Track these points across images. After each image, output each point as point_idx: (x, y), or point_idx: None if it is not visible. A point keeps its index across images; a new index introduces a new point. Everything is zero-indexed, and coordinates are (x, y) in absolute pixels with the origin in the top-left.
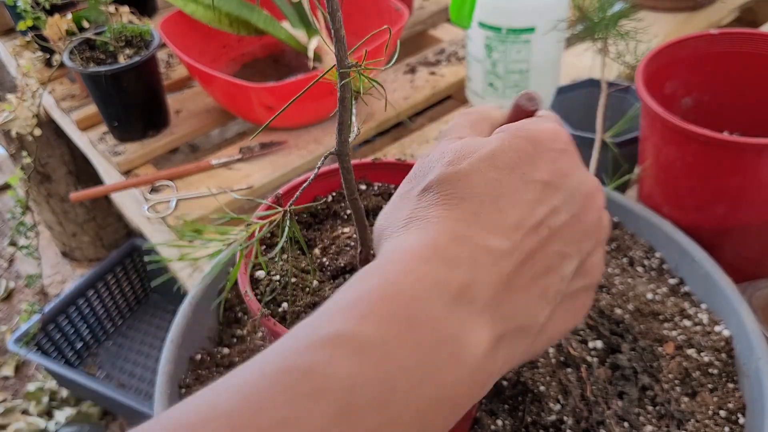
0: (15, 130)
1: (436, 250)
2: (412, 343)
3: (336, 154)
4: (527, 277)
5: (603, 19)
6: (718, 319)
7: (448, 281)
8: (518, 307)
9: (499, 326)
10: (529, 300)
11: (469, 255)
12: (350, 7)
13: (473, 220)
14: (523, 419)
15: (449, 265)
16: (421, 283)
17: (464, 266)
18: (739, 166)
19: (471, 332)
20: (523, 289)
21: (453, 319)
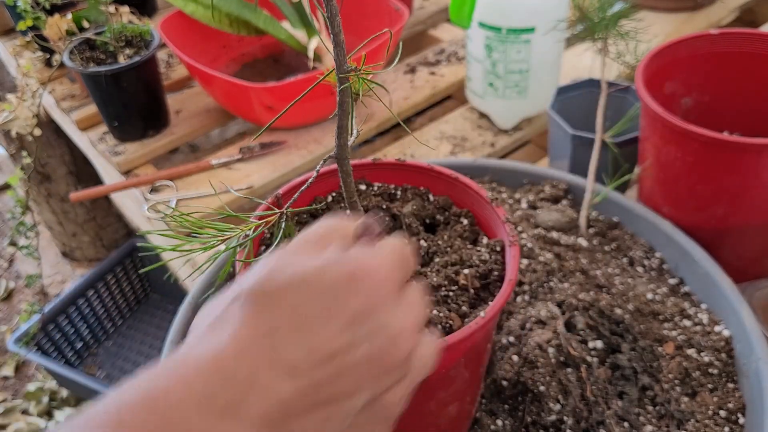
0: (15, 130)
1: (216, 362)
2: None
3: (335, 157)
4: (308, 403)
5: (603, 19)
6: (718, 319)
7: (216, 395)
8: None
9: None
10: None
11: (247, 373)
12: (350, 8)
13: (265, 340)
14: (523, 419)
15: (224, 380)
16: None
17: (239, 383)
18: (739, 166)
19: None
20: (303, 414)
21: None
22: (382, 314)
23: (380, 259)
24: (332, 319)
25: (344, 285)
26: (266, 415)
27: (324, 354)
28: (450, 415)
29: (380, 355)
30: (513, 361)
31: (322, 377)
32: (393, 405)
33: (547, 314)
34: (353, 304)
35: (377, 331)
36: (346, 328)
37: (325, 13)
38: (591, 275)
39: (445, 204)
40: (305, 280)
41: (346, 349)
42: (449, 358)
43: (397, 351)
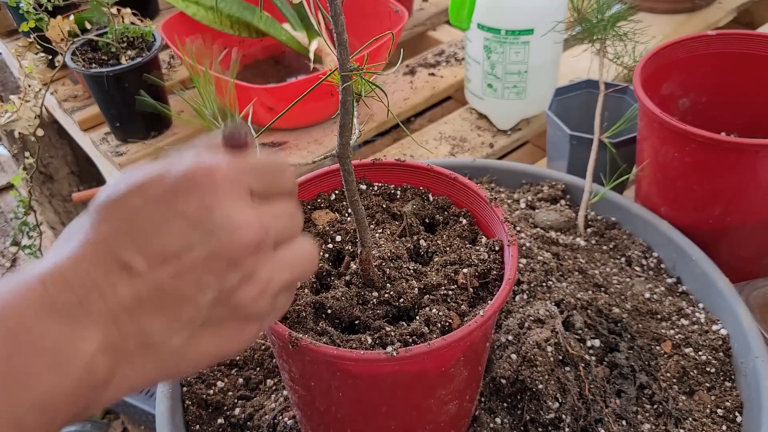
0: (18, 130)
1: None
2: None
3: (337, 156)
4: (152, 303)
5: (601, 20)
6: (716, 318)
7: (55, 298)
8: (140, 329)
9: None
10: (153, 322)
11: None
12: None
13: (104, 245)
14: (522, 417)
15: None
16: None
17: (78, 287)
18: (736, 166)
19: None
20: (147, 314)
21: (55, 330)
22: (219, 211)
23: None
24: (167, 222)
25: (181, 187)
26: (108, 315)
27: (160, 256)
28: (449, 413)
29: (218, 252)
30: (512, 359)
31: (160, 279)
32: (249, 302)
33: (546, 313)
34: (189, 205)
35: (213, 230)
36: (181, 231)
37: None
38: (589, 274)
39: (444, 204)
40: (144, 185)
41: (181, 250)
42: (449, 357)
43: (236, 246)
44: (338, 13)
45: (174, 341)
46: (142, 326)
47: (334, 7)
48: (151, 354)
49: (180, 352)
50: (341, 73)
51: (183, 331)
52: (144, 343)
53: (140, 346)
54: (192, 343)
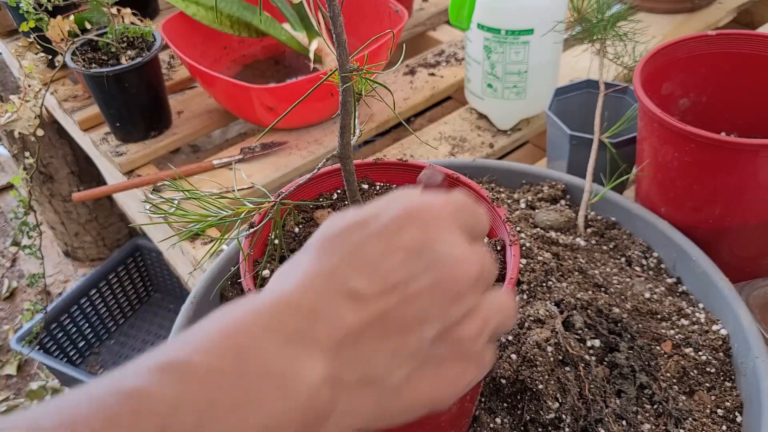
0: (18, 130)
1: (282, 297)
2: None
3: (338, 156)
4: (377, 332)
5: (601, 20)
6: (716, 318)
7: (284, 324)
8: (364, 359)
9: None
10: (376, 354)
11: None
12: (350, 9)
13: (329, 276)
14: (522, 417)
15: (290, 311)
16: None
17: (306, 314)
18: (736, 166)
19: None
20: (371, 343)
21: (283, 355)
22: (440, 245)
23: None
24: (391, 253)
25: (402, 221)
26: (333, 343)
27: (386, 284)
28: (450, 412)
29: (442, 283)
30: (512, 359)
31: (387, 306)
32: (469, 340)
33: (546, 313)
34: (410, 237)
35: (437, 261)
36: (405, 261)
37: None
38: (589, 274)
39: None
40: (363, 221)
41: (407, 279)
42: None
43: (460, 279)
44: (337, 13)
45: (394, 376)
46: (365, 356)
47: (332, 8)
48: (371, 390)
49: (398, 391)
50: (341, 74)
51: (404, 365)
52: (365, 375)
53: (361, 379)
54: (411, 382)
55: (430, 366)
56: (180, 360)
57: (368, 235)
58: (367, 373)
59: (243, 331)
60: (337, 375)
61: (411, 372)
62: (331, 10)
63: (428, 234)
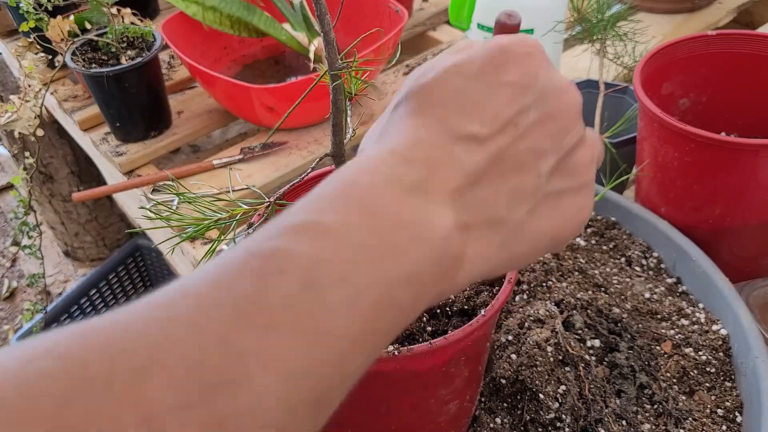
0: (18, 130)
1: (394, 152)
2: (371, 226)
3: (331, 155)
4: (496, 172)
5: (601, 20)
6: (716, 318)
7: (402, 175)
8: (487, 200)
9: (464, 215)
10: (498, 194)
11: (426, 155)
12: (350, 9)
13: (437, 124)
14: (522, 417)
15: (406, 164)
16: (376, 177)
17: (421, 165)
18: (736, 166)
19: (430, 217)
20: (492, 183)
21: (410, 205)
22: (544, 75)
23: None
24: (496, 92)
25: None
26: (455, 188)
27: (499, 122)
28: (450, 412)
29: (553, 114)
30: (512, 359)
31: (502, 144)
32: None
33: (546, 313)
34: (512, 74)
35: (543, 93)
36: (512, 97)
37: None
38: (589, 274)
39: None
40: (458, 66)
41: (518, 114)
42: (449, 356)
43: (568, 108)
44: (324, 12)
45: (517, 214)
46: (487, 198)
47: (319, 7)
48: (496, 230)
49: (522, 229)
50: (330, 72)
51: (526, 201)
52: (490, 217)
53: (486, 221)
54: (534, 219)
55: (550, 200)
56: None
57: (467, 77)
58: (491, 215)
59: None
60: (463, 219)
61: (533, 208)
62: (318, 9)
63: (528, 68)
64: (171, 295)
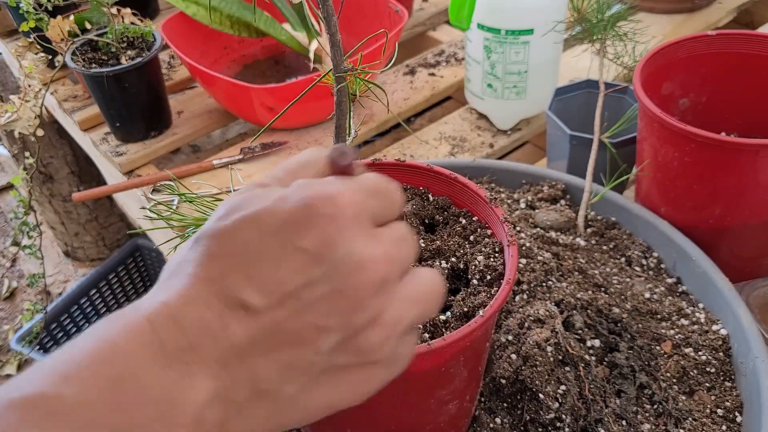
0: (18, 130)
1: (165, 310)
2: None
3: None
4: (267, 345)
5: (601, 20)
6: (716, 318)
7: (164, 341)
8: (254, 373)
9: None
10: (268, 368)
11: (197, 318)
12: (350, 9)
13: (216, 283)
14: (522, 417)
15: (173, 327)
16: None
17: (189, 329)
18: (736, 166)
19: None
20: (262, 356)
21: (164, 378)
22: (342, 245)
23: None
24: (286, 257)
25: (299, 218)
26: (220, 359)
27: (279, 294)
28: (449, 413)
29: (343, 291)
30: (511, 359)
31: (279, 318)
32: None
33: (546, 313)
34: (309, 238)
35: (337, 267)
36: (302, 267)
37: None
38: (589, 274)
39: (444, 204)
40: (258, 216)
41: (303, 288)
42: (449, 357)
43: (364, 284)
44: (330, 14)
45: (289, 389)
46: (254, 372)
47: (326, 8)
48: (263, 404)
49: (293, 402)
50: (335, 74)
51: (300, 378)
52: (256, 390)
53: (251, 394)
54: (307, 392)
55: (328, 375)
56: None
57: (263, 234)
58: (258, 388)
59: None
60: (225, 393)
61: (306, 383)
62: (324, 11)
63: (330, 233)
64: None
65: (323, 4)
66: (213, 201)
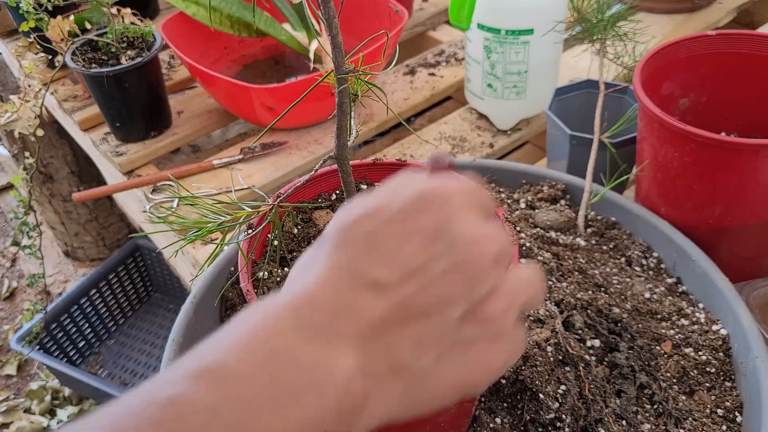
0: (18, 130)
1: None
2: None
3: (335, 158)
4: (401, 319)
5: (601, 20)
6: (716, 318)
7: (308, 321)
8: (390, 347)
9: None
10: (402, 341)
11: (333, 299)
12: (350, 9)
13: (347, 266)
14: (522, 417)
15: (312, 309)
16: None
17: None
18: (736, 166)
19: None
20: (396, 330)
21: (312, 351)
22: (457, 223)
23: (450, 180)
24: (407, 238)
25: (415, 204)
26: (359, 335)
27: (406, 270)
28: (449, 412)
29: (463, 263)
30: None
31: (408, 292)
32: (497, 317)
33: (546, 313)
34: (425, 220)
35: (455, 242)
36: (423, 245)
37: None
38: (589, 274)
39: None
40: (377, 208)
41: (426, 263)
42: None
43: (480, 257)
44: (332, 15)
45: (422, 362)
46: (390, 346)
47: (327, 10)
48: (400, 378)
49: (427, 378)
50: (337, 76)
51: (432, 350)
52: (393, 364)
53: (389, 368)
54: (440, 368)
55: (458, 349)
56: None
57: (383, 221)
58: (395, 362)
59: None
60: (366, 366)
61: (439, 357)
62: (325, 13)
63: (444, 215)
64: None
65: (325, 6)
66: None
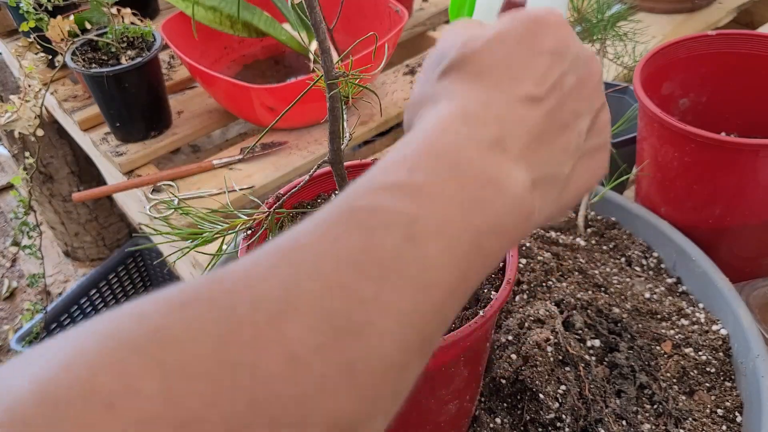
0: (18, 130)
1: (465, 113)
2: (459, 182)
3: (329, 162)
4: (550, 131)
5: (601, 20)
6: (716, 318)
7: (481, 135)
8: (546, 157)
9: (532, 171)
10: (553, 152)
11: (495, 114)
12: (350, 9)
13: (493, 88)
14: (522, 417)
15: (480, 124)
16: (458, 137)
17: (493, 124)
18: (736, 166)
19: (510, 174)
20: (549, 142)
21: (491, 163)
22: (574, 43)
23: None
24: (537, 59)
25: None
26: (524, 145)
27: (548, 84)
28: (450, 412)
29: (585, 78)
30: (512, 359)
31: (555, 103)
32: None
33: (546, 313)
34: (549, 41)
35: (576, 59)
36: (552, 63)
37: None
38: (589, 274)
39: None
40: (500, 34)
41: (560, 77)
42: (449, 357)
43: (596, 72)
44: (319, 21)
45: (566, 169)
46: (546, 155)
47: (314, 16)
48: (552, 185)
49: (568, 183)
50: (327, 81)
51: (570, 160)
52: (549, 173)
53: (546, 176)
54: (575, 173)
55: (586, 156)
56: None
57: (511, 45)
58: (549, 171)
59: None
60: (532, 178)
61: (575, 164)
62: (312, 18)
63: (562, 36)
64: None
65: (311, 12)
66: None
